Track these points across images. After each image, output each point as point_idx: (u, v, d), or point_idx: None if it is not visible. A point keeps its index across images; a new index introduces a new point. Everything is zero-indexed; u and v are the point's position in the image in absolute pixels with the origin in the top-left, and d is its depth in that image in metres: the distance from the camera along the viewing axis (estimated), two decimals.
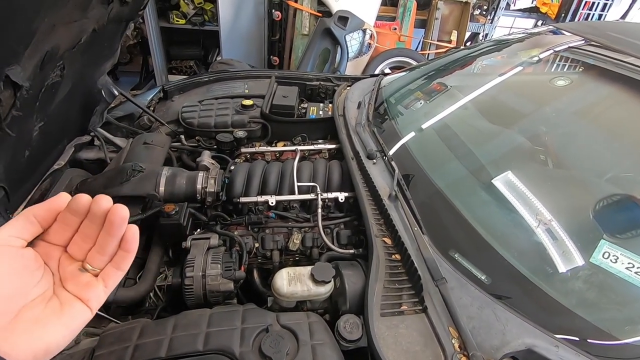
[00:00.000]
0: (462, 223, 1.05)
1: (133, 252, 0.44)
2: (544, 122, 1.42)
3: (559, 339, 0.82)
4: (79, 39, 0.93)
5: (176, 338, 0.80)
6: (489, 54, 1.89)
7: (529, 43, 1.85)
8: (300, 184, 1.28)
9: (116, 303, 1.00)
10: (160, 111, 1.85)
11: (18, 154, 0.97)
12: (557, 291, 0.87)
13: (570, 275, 0.90)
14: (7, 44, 0.55)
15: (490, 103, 1.58)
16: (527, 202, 1.07)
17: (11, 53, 0.57)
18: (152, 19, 3.38)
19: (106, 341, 0.82)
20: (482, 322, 0.86)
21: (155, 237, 1.20)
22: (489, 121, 1.47)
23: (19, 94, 0.61)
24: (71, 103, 1.26)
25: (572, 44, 1.61)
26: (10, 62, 0.57)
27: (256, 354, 0.77)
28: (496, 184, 1.17)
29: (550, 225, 0.99)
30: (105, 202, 0.42)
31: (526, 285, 0.91)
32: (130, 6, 1.22)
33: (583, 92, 1.49)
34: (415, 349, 0.83)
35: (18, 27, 0.55)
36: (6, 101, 0.58)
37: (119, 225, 0.42)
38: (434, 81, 1.75)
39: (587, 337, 0.83)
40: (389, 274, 0.98)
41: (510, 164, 1.26)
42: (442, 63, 1.90)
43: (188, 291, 0.99)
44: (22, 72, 0.60)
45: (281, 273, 0.97)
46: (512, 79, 1.62)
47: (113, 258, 0.44)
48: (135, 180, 1.22)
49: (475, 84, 1.66)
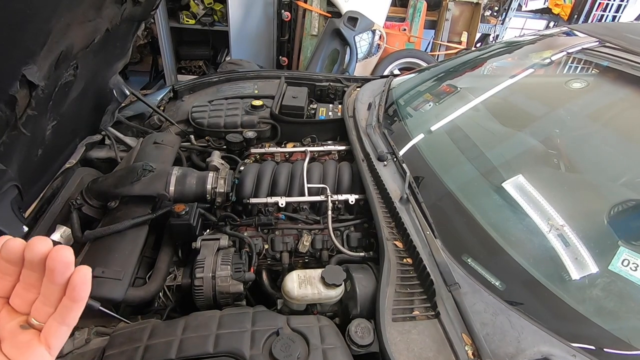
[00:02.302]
0: (475, 227, 1.03)
1: (82, 301, 0.36)
2: (557, 125, 1.40)
3: (576, 347, 0.80)
4: (92, 38, 0.93)
5: (186, 339, 0.80)
6: (500, 56, 1.86)
7: (542, 45, 1.83)
8: (310, 186, 1.27)
9: (126, 302, 0.99)
10: (170, 111, 1.86)
11: (31, 153, 0.97)
12: (574, 298, 0.85)
13: (587, 283, 0.88)
14: (24, 43, 0.55)
15: (502, 105, 1.55)
16: (540, 206, 1.05)
17: (28, 53, 0.57)
18: (163, 19, 3.40)
19: (117, 341, 0.82)
20: (496, 329, 0.84)
21: (165, 236, 1.20)
22: (501, 123, 1.45)
23: (34, 93, 0.61)
24: (83, 102, 1.26)
25: (585, 45, 1.58)
26: (26, 61, 0.57)
27: (267, 358, 0.76)
28: (509, 188, 1.15)
29: (563, 231, 0.97)
30: (41, 246, 0.35)
31: (542, 292, 0.89)
32: (143, 6, 1.22)
33: (597, 95, 1.46)
34: (427, 355, 0.81)
35: (35, 26, 0.55)
36: (22, 100, 0.58)
37: (61, 272, 0.35)
38: (444, 83, 1.73)
39: (605, 346, 0.80)
40: (400, 278, 0.96)
41: (523, 167, 1.24)
42: (453, 65, 1.88)
43: (198, 292, 0.98)
44: (38, 72, 0.60)
45: (291, 275, 0.96)
46: (524, 80, 1.60)
47: (57, 310, 0.36)
48: (145, 179, 1.22)
49: (486, 86, 1.64)
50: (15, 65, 0.54)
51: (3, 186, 0.77)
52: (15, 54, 0.54)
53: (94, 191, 1.22)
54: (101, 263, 1.02)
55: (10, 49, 0.52)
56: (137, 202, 1.21)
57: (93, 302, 0.89)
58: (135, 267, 1.06)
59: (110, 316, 0.94)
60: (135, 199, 1.21)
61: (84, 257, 1.08)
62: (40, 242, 0.35)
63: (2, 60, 0.52)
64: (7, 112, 0.56)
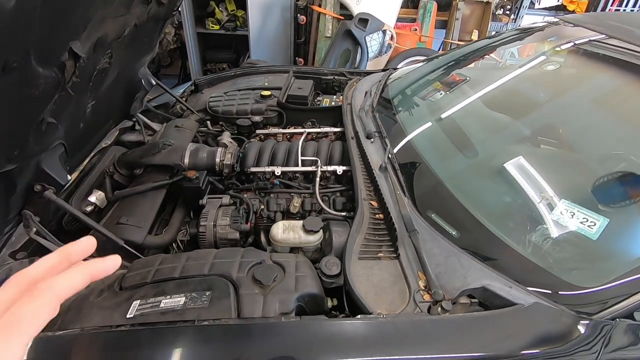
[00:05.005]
0: (438, 186, 1.17)
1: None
2: (547, 106, 1.50)
3: (514, 282, 0.92)
4: (123, 31, 1.16)
5: (188, 265, 0.99)
6: (493, 48, 1.97)
7: (533, 38, 1.92)
8: (304, 158, 1.45)
9: (144, 246, 1.21)
10: (191, 102, 2.10)
11: (75, 124, 1.21)
12: (516, 242, 0.98)
13: (529, 229, 1.00)
14: (71, 24, 0.77)
15: (479, 80, 1.67)
16: (510, 175, 1.16)
17: (73, 32, 0.79)
18: (190, 26, 3.72)
19: (134, 267, 1.03)
20: (448, 267, 0.98)
21: (180, 200, 1.42)
22: (464, 95, 1.57)
23: (78, 63, 0.83)
24: (116, 88, 1.51)
25: (592, 37, 1.65)
26: (72, 38, 0.79)
27: (250, 279, 0.94)
28: (482, 156, 1.29)
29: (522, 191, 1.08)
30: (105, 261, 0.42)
31: (490, 238, 1.01)
32: (166, 7, 1.46)
33: (588, 81, 1.55)
34: (384, 285, 0.96)
35: (78, 12, 0.76)
36: (69, 67, 0.80)
37: None
38: (435, 73, 1.87)
39: (540, 280, 0.92)
40: (371, 229, 1.12)
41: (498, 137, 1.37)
42: (447, 58, 2.01)
43: (201, 237, 1.18)
44: (81, 47, 0.82)
45: (277, 224, 1.14)
46: (511, 70, 1.71)
47: None
48: (165, 152, 1.45)
49: (472, 73, 1.76)
50: (65, 39, 0.76)
51: (54, 141, 1.01)
52: (64, 32, 0.75)
53: (123, 162, 1.47)
54: (126, 214, 1.25)
55: (61, 27, 0.73)
56: (158, 171, 1.44)
57: (118, 239, 1.11)
58: (153, 220, 1.28)
59: (131, 254, 1.16)
60: (156, 167, 1.44)
61: (113, 211, 1.31)
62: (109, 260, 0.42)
63: (55, 35, 0.73)
64: (59, 74, 0.77)
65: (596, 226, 0.92)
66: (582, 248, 0.95)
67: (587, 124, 1.38)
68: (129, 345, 0.80)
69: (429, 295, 0.93)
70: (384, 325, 0.83)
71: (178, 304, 0.86)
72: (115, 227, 1.19)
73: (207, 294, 0.89)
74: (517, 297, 0.89)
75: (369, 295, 0.93)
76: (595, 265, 0.96)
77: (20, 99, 0.72)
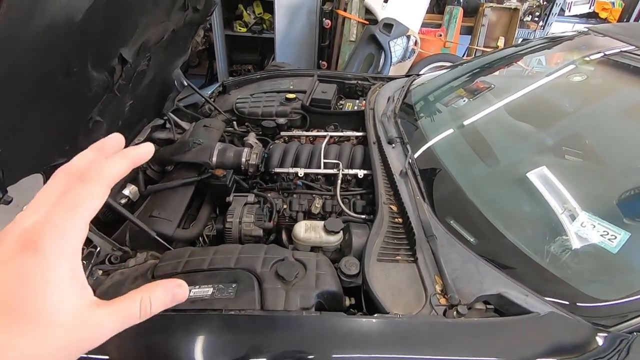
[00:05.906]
0: (457, 193, 1.20)
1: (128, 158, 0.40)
2: (573, 119, 1.49)
3: (530, 291, 0.93)
4: (162, 36, 1.24)
5: (215, 258, 1.05)
6: (519, 57, 1.96)
7: (564, 47, 1.90)
8: (326, 161, 1.50)
9: (174, 239, 1.29)
10: (219, 102, 2.19)
11: (115, 122, 1.30)
12: (534, 251, 0.99)
13: (548, 239, 1.01)
14: (122, 32, 0.84)
15: (505, 92, 1.67)
16: (532, 187, 1.17)
17: (123, 39, 0.87)
18: (219, 28, 3.84)
19: (165, 257, 1.10)
20: (464, 272, 1.00)
21: (207, 196, 1.49)
22: (488, 102, 1.57)
23: (125, 67, 0.90)
24: (152, 89, 1.60)
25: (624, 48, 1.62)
26: (122, 44, 0.86)
27: (273, 274, 1.00)
28: (505, 167, 1.30)
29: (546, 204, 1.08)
30: None
31: (508, 246, 1.03)
32: (201, 13, 1.54)
33: (605, 90, 1.53)
34: (401, 286, 0.99)
35: (129, 21, 0.84)
36: (117, 71, 0.88)
37: None
38: (458, 82, 1.88)
39: (556, 290, 0.93)
40: (390, 232, 1.15)
41: (522, 149, 1.37)
42: (471, 65, 2.01)
43: (227, 233, 1.25)
44: (129, 52, 0.89)
45: (300, 224, 1.19)
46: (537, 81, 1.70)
47: None
48: (194, 150, 1.53)
49: (497, 81, 1.76)
50: (116, 46, 0.84)
51: (99, 137, 1.09)
52: (116, 39, 0.83)
53: (155, 158, 1.55)
54: (158, 208, 1.33)
55: (114, 35, 0.81)
56: (188, 168, 1.52)
57: (151, 230, 1.19)
58: (182, 214, 1.35)
59: (162, 245, 1.24)
60: (186, 165, 1.52)
61: (146, 204, 1.39)
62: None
63: (109, 43, 0.81)
64: (109, 78, 0.85)
65: (617, 240, 0.93)
66: (602, 261, 0.96)
67: (614, 135, 1.37)
68: (162, 329, 0.86)
69: (445, 299, 0.95)
70: (400, 325, 0.87)
71: (206, 293, 0.92)
72: (148, 220, 1.27)
73: (233, 286, 0.94)
74: (534, 306, 0.90)
75: (386, 295, 0.96)
76: (614, 279, 0.96)
77: (75, 99, 0.80)
